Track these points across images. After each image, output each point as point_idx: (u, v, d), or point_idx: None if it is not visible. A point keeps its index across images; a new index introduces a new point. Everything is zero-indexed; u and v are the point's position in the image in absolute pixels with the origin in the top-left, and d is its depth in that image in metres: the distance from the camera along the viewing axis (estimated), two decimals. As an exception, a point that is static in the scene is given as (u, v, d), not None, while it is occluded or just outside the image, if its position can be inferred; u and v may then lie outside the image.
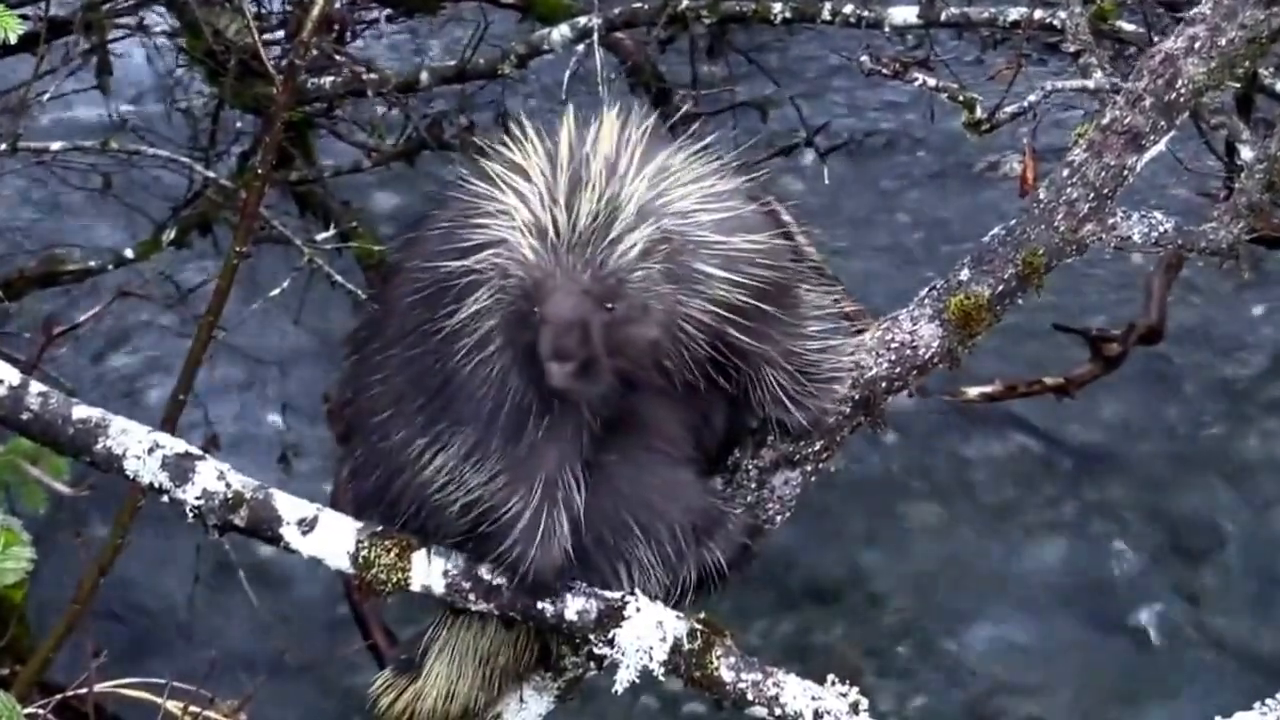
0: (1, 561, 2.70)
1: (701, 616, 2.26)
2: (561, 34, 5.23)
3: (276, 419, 6.42)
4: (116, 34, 6.21)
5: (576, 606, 2.25)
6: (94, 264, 5.67)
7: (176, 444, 2.35)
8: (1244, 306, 6.91)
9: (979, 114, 3.40)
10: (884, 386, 2.40)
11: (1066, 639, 5.72)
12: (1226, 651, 5.63)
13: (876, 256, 7.21)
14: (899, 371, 2.41)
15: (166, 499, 2.34)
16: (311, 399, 6.21)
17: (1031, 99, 3.35)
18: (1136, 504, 6.16)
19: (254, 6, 5.90)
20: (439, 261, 2.14)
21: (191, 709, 2.81)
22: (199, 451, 2.36)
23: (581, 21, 5.20)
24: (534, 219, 2.06)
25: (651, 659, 2.22)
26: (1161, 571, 5.94)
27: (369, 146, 5.93)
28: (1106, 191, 2.39)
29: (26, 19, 2.81)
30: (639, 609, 2.24)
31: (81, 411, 2.36)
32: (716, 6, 5.00)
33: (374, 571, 2.30)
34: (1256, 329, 6.86)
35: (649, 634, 2.22)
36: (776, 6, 4.88)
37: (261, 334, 6.46)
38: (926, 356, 2.41)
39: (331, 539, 2.31)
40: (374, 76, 5.57)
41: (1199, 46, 2.39)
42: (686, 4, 5.05)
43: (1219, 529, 6.05)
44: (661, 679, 2.24)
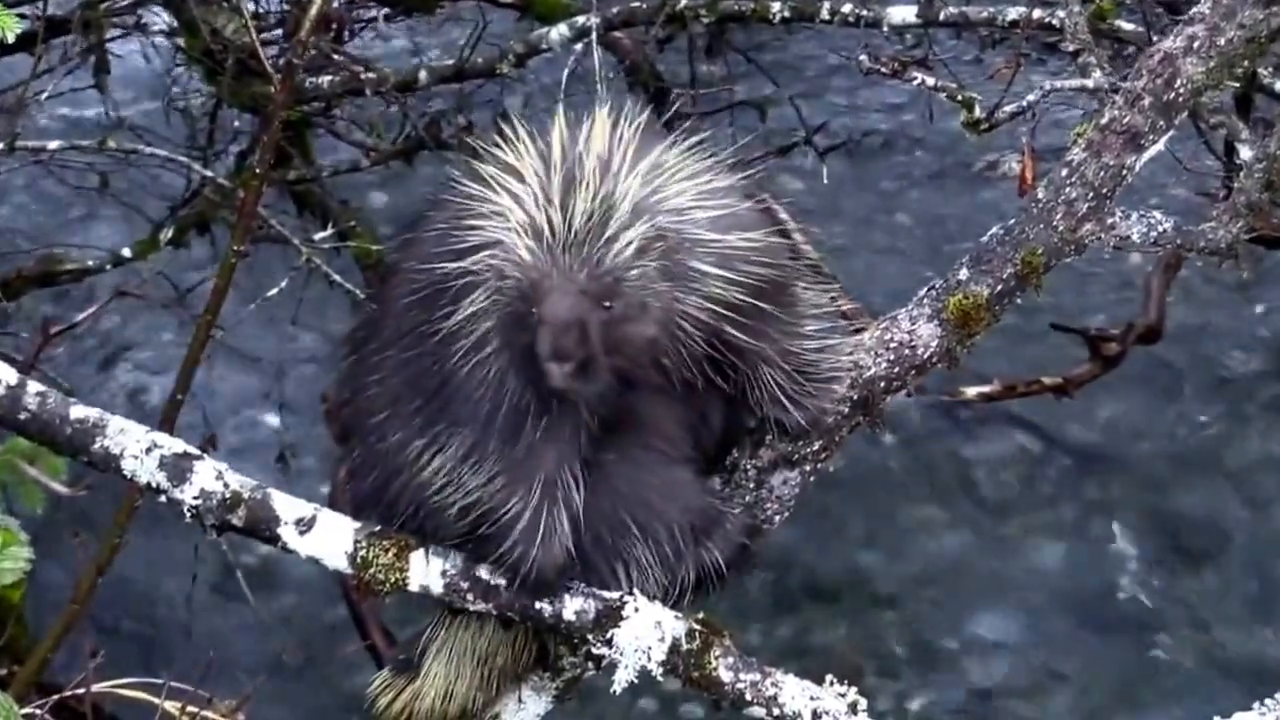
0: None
1: (700, 616, 2.25)
2: (560, 33, 5.23)
3: (274, 419, 6.41)
4: (114, 33, 6.20)
5: (575, 606, 2.24)
6: (92, 263, 5.66)
7: (174, 444, 2.34)
8: (1243, 306, 6.91)
9: (978, 113, 3.40)
10: (883, 386, 2.40)
11: (1065, 639, 5.72)
12: (1226, 651, 5.63)
13: (875, 256, 7.21)
14: (898, 371, 2.40)
15: (164, 499, 2.33)
16: (310, 399, 6.21)
17: (1030, 98, 3.34)
18: (1136, 503, 6.16)
19: (252, 5, 5.89)
20: (435, 263, 2.14)
21: (189, 709, 2.81)
22: (197, 451, 2.35)
23: (580, 21, 5.20)
24: (529, 219, 2.06)
25: (650, 659, 2.22)
26: (1161, 571, 5.94)
27: (367, 146, 5.93)
28: (1105, 191, 2.39)
29: (24, 18, 2.81)
30: (637, 609, 2.23)
31: (79, 411, 2.36)
32: (715, 6, 4.99)
33: (372, 571, 2.29)
34: (1256, 328, 6.86)
35: (647, 634, 2.22)
36: (775, 6, 4.87)
37: (260, 334, 6.45)
38: (925, 356, 2.41)
39: (329, 539, 2.31)
40: (372, 76, 5.56)
41: (1198, 46, 2.38)
42: (685, 3, 5.04)
43: (1218, 529, 6.04)
44: (660, 679, 2.23)
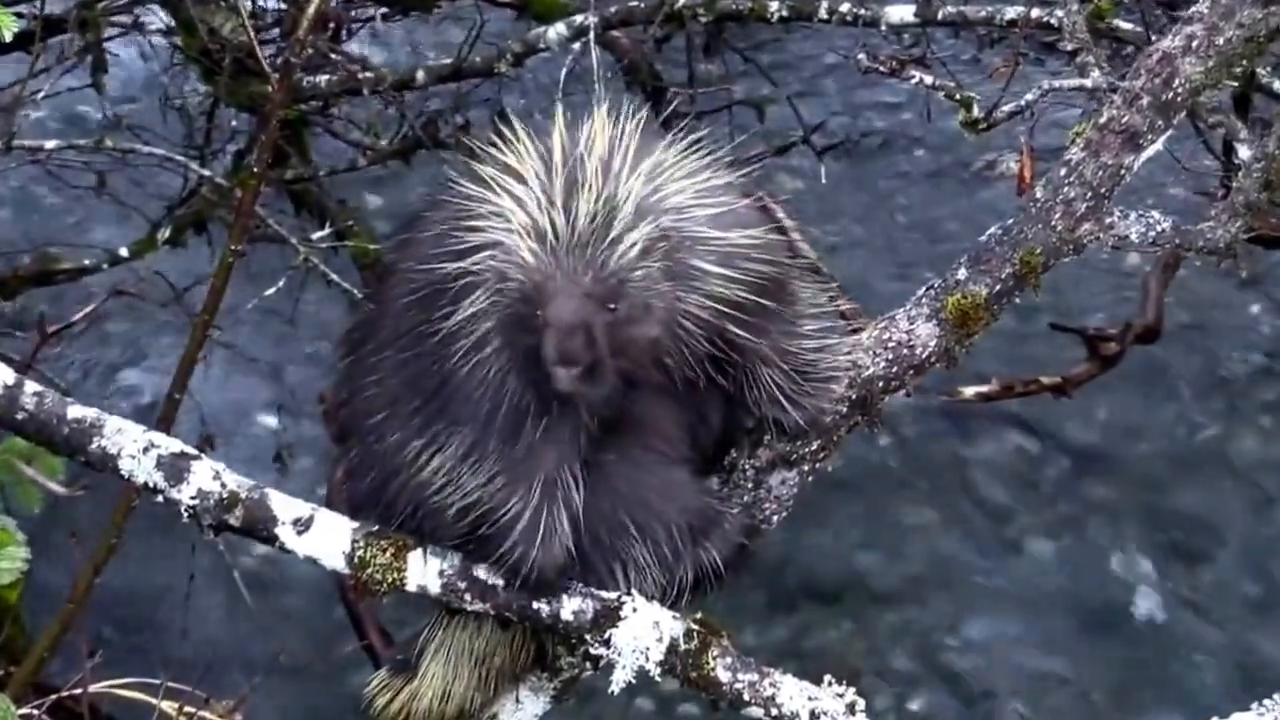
0: (-4, 561, 2.70)
1: (698, 617, 2.25)
2: (558, 32, 5.22)
3: (272, 418, 6.41)
4: (111, 32, 6.20)
5: (573, 606, 2.24)
6: (89, 263, 5.65)
7: (172, 443, 2.34)
8: (1241, 305, 6.91)
9: (976, 113, 3.40)
10: (881, 386, 2.40)
11: (1063, 639, 5.72)
12: (1225, 652, 5.63)
13: (873, 255, 7.20)
14: (896, 371, 2.40)
15: (161, 499, 2.33)
16: (307, 398, 6.20)
17: (1029, 98, 3.34)
18: (1134, 503, 6.16)
19: (249, 5, 5.89)
20: (433, 264, 2.14)
21: (187, 709, 2.81)
22: (194, 451, 2.35)
23: (578, 20, 5.19)
24: (532, 222, 2.06)
25: (648, 659, 2.22)
26: (1159, 571, 5.94)
27: (365, 145, 5.92)
28: (1104, 191, 2.39)
29: (21, 17, 2.80)
30: (635, 609, 2.23)
31: (77, 411, 2.35)
32: (713, 5, 4.99)
33: (369, 571, 2.29)
34: (1254, 328, 6.85)
35: (645, 634, 2.22)
36: (773, 5, 4.87)
37: (257, 333, 6.45)
38: (924, 356, 2.41)
39: (327, 539, 2.31)
40: (370, 75, 5.56)
41: (1196, 45, 2.38)
42: (683, 2, 5.04)
43: (1217, 528, 6.04)
44: (658, 679, 2.23)
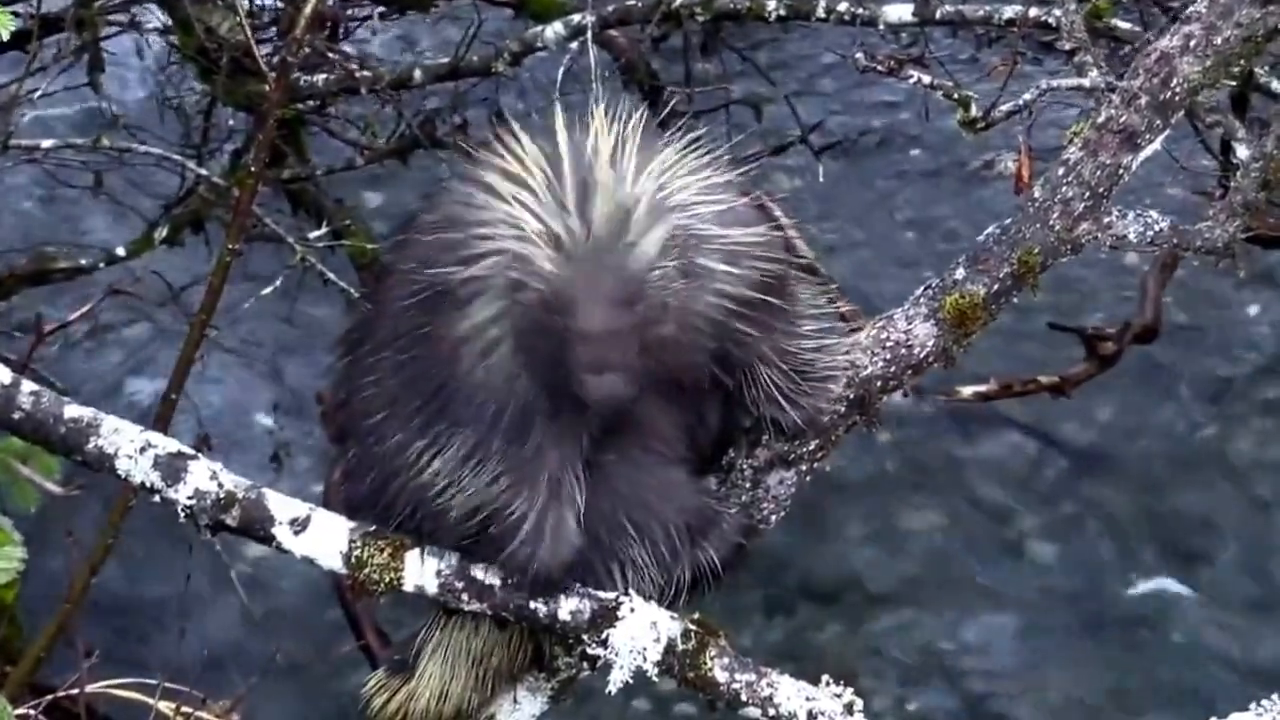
0: (-7, 561, 2.69)
1: (696, 617, 2.25)
2: (555, 31, 5.22)
3: (269, 418, 6.40)
4: (109, 31, 6.19)
5: (570, 606, 2.24)
6: (85, 262, 5.65)
7: (168, 443, 2.34)
8: (1239, 305, 6.91)
9: (974, 112, 3.39)
10: (879, 386, 2.40)
11: (1061, 639, 5.72)
12: (1223, 652, 5.63)
13: (871, 255, 7.20)
14: (894, 371, 2.40)
15: (158, 499, 2.33)
16: (304, 398, 6.20)
17: (1027, 97, 3.34)
18: (1132, 503, 6.16)
19: (246, 3, 5.88)
20: (437, 268, 2.13)
21: (184, 709, 2.81)
22: (191, 451, 2.35)
23: (575, 19, 5.19)
24: (546, 229, 2.05)
25: (645, 659, 2.21)
26: (1157, 572, 5.93)
27: (362, 144, 5.91)
28: (1102, 190, 2.38)
29: (18, 16, 2.80)
30: (633, 609, 2.23)
31: (73, 411, 2.35)
32: (710, 4, 4.98)
33: (366, 571, 2.29)
34: (1252, 328, 6.85)
35: (643, 634, 2.21)
36: (771, 4, 4.86)
37: (254, 333, 6.44)
38: (922, 356, 2.40)
39: (324, 539, 2.30)
40: (367, 74, 5.55)
41: (1194, 45, 2.38)
42: (680, 1, 5.03)
43: (1215, 528, 6.04)
44: (655, 679, 2.23)
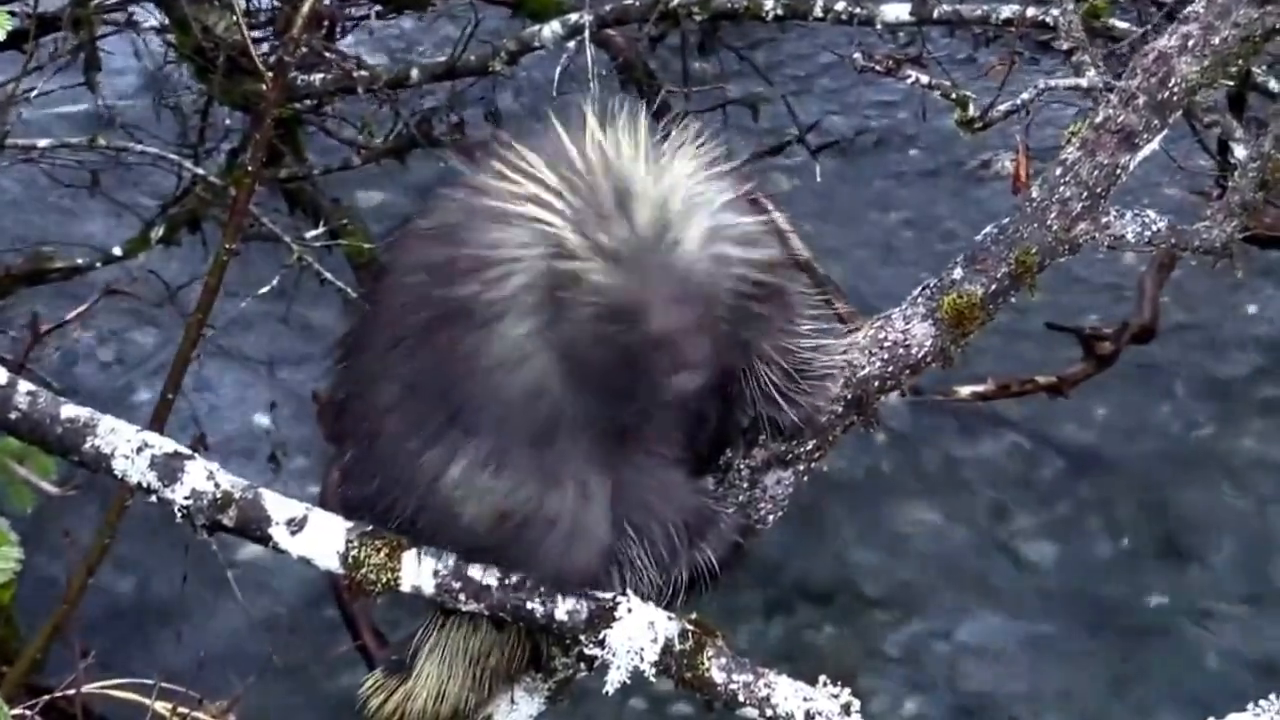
0: (-11, 562, 2.69)
1: (693, 617, 2.24)
2: (553, 30, 5.21)
3: (265, 418, 6.40)
4: (105, 30, 6.19)
5: (567, 607, 2.23)
6: (82, 262, 5.64)
7: (165, 443, 2.33)
8: (1237, 305, 6.91)
9: (972, 112, 3.39)
10: (877, 386, 2.39)
11: (1059, 639, 5.72)
12: (1220, 651, 5.63)
13: (868, 255, 7.21)
14: (892, 371, 2.40)
15: (155, 499, 2.32)
16: (301, 398, 6.19)
17: (1024, 97, 3.33)
18: (1129, 503, 6.16)
19: (243, 3, 5.87)
20: (452, 288, 2.10)
21: (180, 709, 2.80)
22: (188, 451, 2.34)
23: (573, 18, 5.18)
24: (590, 241, 2.04)
25: (642, 660, 2.21)
26: (1154, 571, 5.94)
27: (359, 144, 5.91)
28: (1100, 190, 2.38)
29: (15, 15, 2.80)
30: (630, 609, 2.22)
31: (70, 411, 2.34)
32: (708, 3, 4.97)
33: (363, 572, 2.28)
34: (1249, 328, 6.86)
35: (640, 635, 2.21)
36: (768, 3, 4.86)
37: (250, 332, 6.44)
38: (919, 356, 2.40)
39: (321, 539, 2.30)
40: (364, 73, 5.55)
41: (1192, 45, 2.38)
42: (678, 1, 5.03)
43: (1212, 528, 6.04)
44: (652, 680, 2.22)
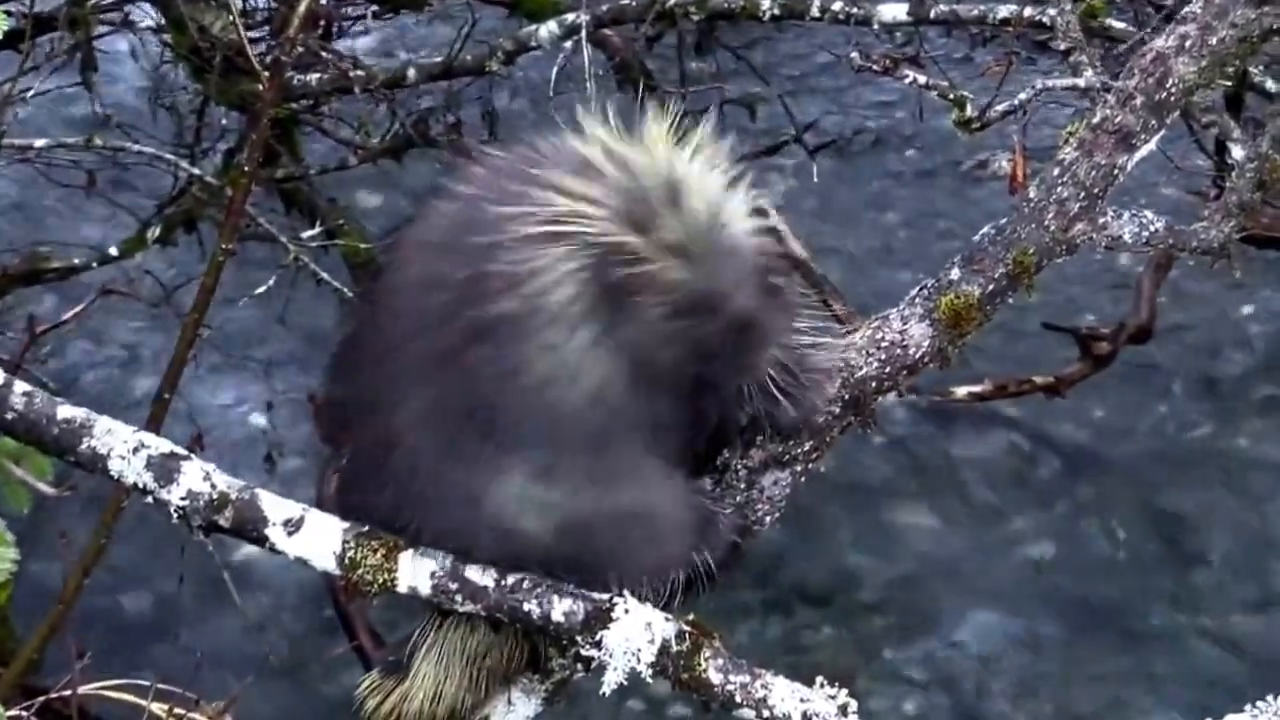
0: (-15, 562, 2.68)
1: (690, 618, 2.24)
2: (549, 30, 5.21)
3: (262, 418, 6.39)
4: (101, 30, 6.18)
5: (564, 608, 2.23)
6: (78, 262, 5.64)
7: (161, 444, 2.33)
8: (1234, 306, 6.92)
9: (969, 112, 3.39)
10: (874, 386, 2.39)
11: (1056, 639, 5.72)
12: (1217, 651, 5.63)
13: (865, 255, 7.20)
14: (889, 371, 2.39)
15: (151, 499, 2.32)
16: (297, 398, 6.19)
17: (1022, 97, 3.34)
18: (1126, 503, 6.16)
19: (239, 3, 5.87)
20: (490, 303, 2.09)
21: (176, 710, 2.80)
22: (184, 451, 2.34)
23: (570, 18, 5.18)
24: (655, 240, 2.06)
25: (639, 661, 2.21)
26: (1151, 571, 5.94)
27: (355, 144, 5.91)
28: (1097, 191, 2.38)
29: (10, 15, 2.80)
30: (627, 610, 2.22)
31: (66, 411, 2.34)
32: (705, 3, 4.98)
33: (360, 572, 2.28)
34: (1246, 328, 6.86)
35: (637, 636, 2.20)
36: (765, 3, 4.86)
37: (247, 333, 6.44)
38: (917, 356, 2.40)
39: (317, 539, 2.29)
40: (360, 73, 5.55)
41: (1190, 45, 2.38)
42: (675, 1, 5.03)
43: (1209, 528, 6.04)
44: (649, 681, 2.22)
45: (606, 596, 2.23)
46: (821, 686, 2.19)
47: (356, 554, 2.28)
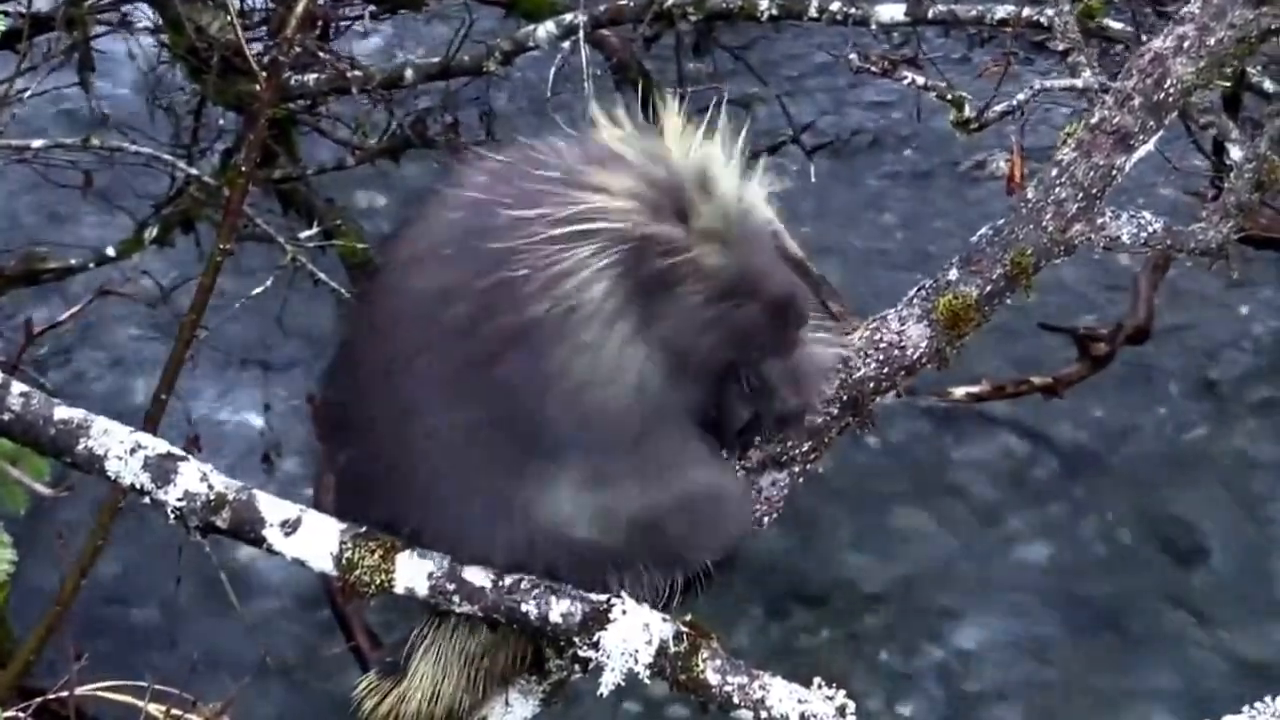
0: (-18, 563, 2.68)
1: (688, 619, 2.24)
2: (547, 31, 5.21)
3: (259, 419, 6.39)
4: (99, 30, 6.18)
5: (561, 609, 2.23)
6: (75, 262, 5.63)
7: (158, 445, 2.32)
8: (1231, 306, 6.92)
9: (968, 112, 3.39)
10: (872, 387, 2.39)
11: (1054, 640, 5.72)
12: (1214, 653, 5.63)
13: (863, 256, 7.21)
14: (887, 372, 2.39)
15: (148, 500, 2.31)
16: (295, 398, 6.19)
17: (1020, 98, 3.33)
18: (1124, 504, 6.16)
19: (237, 3, 5.87)
20: (521, 309, 2.06)
21: (174, 712, 2.80)
22: (181, 452, 2.33)
23: (567, 18, 5.18)
24: (692, 229, 2.07)
25: (637, 662, 2.20)
26: (1149, 572, 5.94)
27: (353, 144, 5.90)
28: (1095, 191, 2.38)
29: (8, 15, 2.80)
30: (625, 611, 2.21)
31: (63, 412, 2.33)
32: (702, 3, 4.98)
33: (357, 573, 2.27)
34: (1244, 329, 6.87)
35: (634, 636, 2.20)
36: (763, 3, 4.86)
37: (244, 333, 6.43)
38: (915, 357, 2.40)
39: (315, 540, 2.29)
40: (358, 73, 5.54)
41: (1188, 46, 2.38)
42: (673, 1, 5.03)
43: (1206, 529, 6.05)
44: (647, 682, 2.22)
45: (604, 598, 2.23)
46: (819, 687, 2.19)
47: (354, 555, 2.27)
